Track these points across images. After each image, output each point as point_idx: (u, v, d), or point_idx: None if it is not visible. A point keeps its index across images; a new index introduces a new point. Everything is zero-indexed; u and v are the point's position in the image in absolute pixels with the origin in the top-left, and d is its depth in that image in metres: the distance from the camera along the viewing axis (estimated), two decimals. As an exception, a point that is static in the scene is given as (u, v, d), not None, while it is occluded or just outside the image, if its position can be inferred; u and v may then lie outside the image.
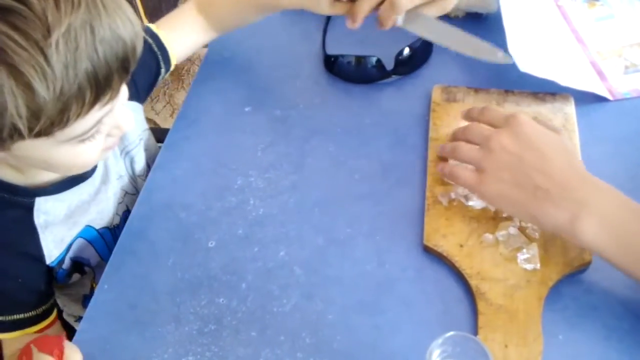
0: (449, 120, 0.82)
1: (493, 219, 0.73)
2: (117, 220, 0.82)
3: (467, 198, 0.75)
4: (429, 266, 0.72)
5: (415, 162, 0.81)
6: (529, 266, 0.69)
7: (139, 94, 0.84)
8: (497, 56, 0.73)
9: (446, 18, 0.94)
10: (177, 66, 0.89)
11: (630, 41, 0.91)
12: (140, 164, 0.85)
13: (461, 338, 0.57)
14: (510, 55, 0.76)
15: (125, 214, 0.82)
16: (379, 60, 0.88)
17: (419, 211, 0.76)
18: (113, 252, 0.75)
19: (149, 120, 1.81)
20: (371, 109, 0.87)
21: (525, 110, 0.81)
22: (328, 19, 0.97)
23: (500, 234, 0.71)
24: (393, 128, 0.85)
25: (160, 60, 0.84)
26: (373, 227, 0.75)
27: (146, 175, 0.82)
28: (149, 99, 1.81)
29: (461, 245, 0.71)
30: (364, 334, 0.68)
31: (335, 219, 0.76)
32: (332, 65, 0.90)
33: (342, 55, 0.89)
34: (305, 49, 0.94)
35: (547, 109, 0.82)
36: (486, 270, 0.69)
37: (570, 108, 0.82)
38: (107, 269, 0.73)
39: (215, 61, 0.93)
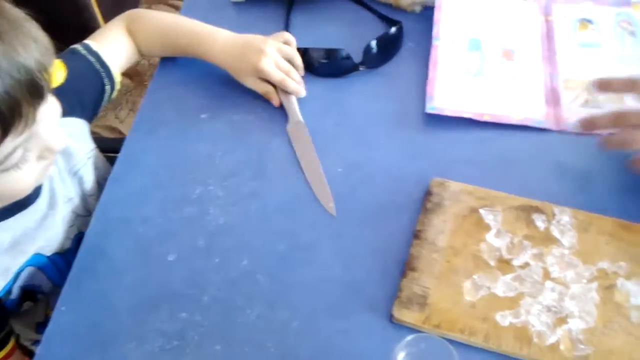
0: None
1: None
2: (68, 244, 0.79)
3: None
4: (396, 268, 0.71)
5: (372, 158, 0.80)
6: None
7: (84, 111, 0.81)
8: (328, 205, 0.76)
9: (404, 13, 0.94)
10: (138, 71, 0.87)
11: (603, 75, 0.83)
12: (89, 183, 0.82)
13: (426, 339, 0.56)
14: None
15: (78, 237, 0.79)
16: (347, 53, 0.87)
17: (381, 211, 0.75)
18: (70, 272, 0.72)
19: (112, 129, 1.79)
20: (335, 107, 0.86)
21: None
22: (288, 18, 0.95)
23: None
24: (357, 127, 0.84)
25: (104, 77, 0.83)
26: (336, 230, 0.74)
27: (98, 195, 0.80)
28: (111, 106, 1.79)
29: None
30: (330, 339, 0.66)
31: (298, 223, 0.75)
32: (302, 58, 0.88)
33: (312, 48, 0.88)
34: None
35: None
36: None
37: None
38: (64, 289, 0.71)
39: (169, 68, 0.91)
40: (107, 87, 0.84)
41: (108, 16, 1.81)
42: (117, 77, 0.85)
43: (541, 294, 0.67)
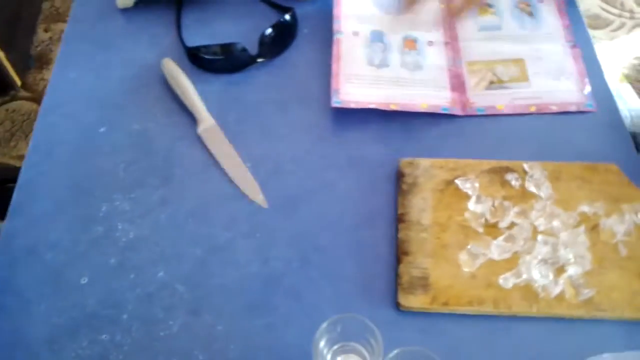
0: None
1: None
2: None
3: None
4: (313, 254, 0.71)
5: (285, 152, 0.79)
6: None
7: None
8: (258, 198, 0.75)
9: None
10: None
11: (504, 56, 0.87)
12: None
13: (347, 319, 0.56)
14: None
15: None
16: (243, 47, 0.85)
17: (293, 201, 0.75)
18: (-22, 312, 0.69)
19: (19, 157, 1.72)
20: (236, 102, 0.84)
21: None
22: (179, 18, 0.93)
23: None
24: (260, 120, 0.83)
25: None
26: (251, 226, 0.73)
27: None
28: (23, 135, 1.71)
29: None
30: (258, 336, 0.66)
31: (211, 225, 0.74)
32: (196, 58, 0.86)
33: (205, 46, 0.86)
34: (155, 53, 0.89)
35: None
36: None
37: None
38: (-27, 332, 0.68)
39: (61, 84, 0.87)
40: None
41: (2, 39, 1.74)
42: None
43: (535, 249, 0.69)
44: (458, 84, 0.85)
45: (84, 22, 0.93)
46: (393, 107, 0.81)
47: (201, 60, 0.86)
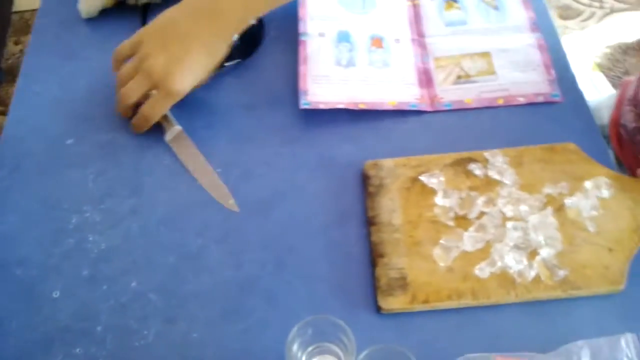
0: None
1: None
2: None
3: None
4: (286, 256, 0.71)
5: (255, 155, 0.79)
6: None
7: None
8: (228, 203, 0.75)
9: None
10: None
11: (471, 50, 0.87)
12: None
13: (318, 320, 0.56)
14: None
15: None
16: None
17: (265, 204, 0.75)
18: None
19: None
20: (204, 108, 0.84)
21: None
22: (144, 25, 0.92)
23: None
24: (229, 125, 0.82)
25: None
26: (223, 231, 0.73)
27: None
28: None
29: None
30: (234, 342, 0.66)
31: (183, 232, 0.73)
32: None
33: None
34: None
35: None
36: None
37: None
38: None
39: (26, 97, 0.86)
40: None
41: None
42: None
43: (506, 236, 0.69)
44: (426, 80, 0.85)
45: (47, 34, 0.92)
46: (362, 107, 0.81)
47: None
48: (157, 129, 0.81)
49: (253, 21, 0.81)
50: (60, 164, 0.79)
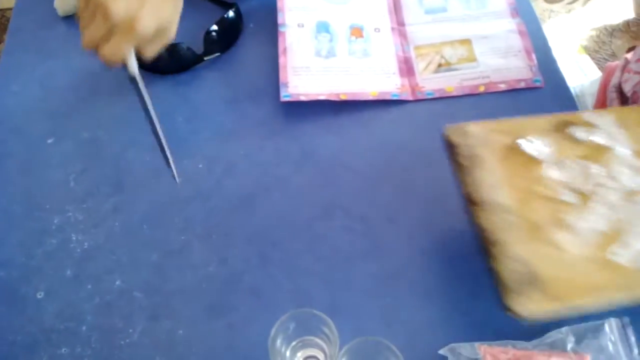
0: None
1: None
2: None
3: None
4: (271, 250, 0.71)
5: (238, 150, 0.79)
6: None
7: None
8: (172, 172, 0.70)
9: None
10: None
11: (452, 38, 0.87)
12: None
13: (298, 314, 0.56)
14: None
15: None
16: (188, 46, 0.84)
17: (249, 198, 0.74)
18: None
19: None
20: (184, 103, 0.83)
21: None
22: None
23: None
24: (210, 119, 0.82)
25: None
26: (207, 227, 0.73)
27: None
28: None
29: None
30: (219, 337, 0.65)
31: (166, 230, 0.73)
32: (141, 60, 0.84)
33: None
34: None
35: None
36: None
37: None
38: None
39: (5, 98, 0.85)
40: None
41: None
42: None
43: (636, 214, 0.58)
44: (407, 69, 0.85)
45: (25, 32, 0.91)
46: (343, 97, 0.80)
47: (147, 63, 0.84)
48: (139, 126, 0.81)
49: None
50: (42, 164, 0.79)
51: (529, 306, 0.54)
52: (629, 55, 0.91)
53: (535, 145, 0.63)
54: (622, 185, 0.60)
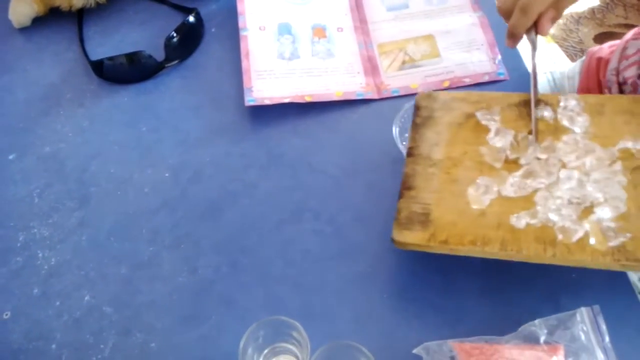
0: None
1: None
2: None
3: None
4: (241, 257, 0.70)
5: (203, 157, 0.78)
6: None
7: None
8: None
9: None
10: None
11: (415, 34, 0.87)
12: None
13: (270, 322, 0.56)
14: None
15: None
16: (148, 54, 0.83)
17: (216, 206, 0.74)
18: None
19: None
20: (147, 112, 0.82)
21: None
22: (81, 32, 0.90)
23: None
24: (174, 126, 0.81)
25: None
26: (175, 237, 0.72)
27: None
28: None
29: None
30: (192, 348, 0.65)
31: (134, 241, 0.72)
32: (102, 70, 0.83)
33: (110, 58, 0.83)
34: (59, 71, 0.86)
35: None
36: None
37: None
38: None
39: (-37, 116, 0.84)
40: None
41: None
42: None
43: (557, 186, 0.60)
44: (371, 68, 0.84)
45: (-20, 45, 0.90)
46: (308, 99, 0.80)
47: (107, 72, 0.83)
48: (102, 136, 0.80)
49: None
50: (3, 181, 0.77)
51: (408, 238, 0.60)
52: (629, 35, 0.91)
53: (489, 116, 0.67)
54: (558, 160, 0.62)
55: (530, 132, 0.65)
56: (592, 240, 0.57)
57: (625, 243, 0.56)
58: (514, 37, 0.69)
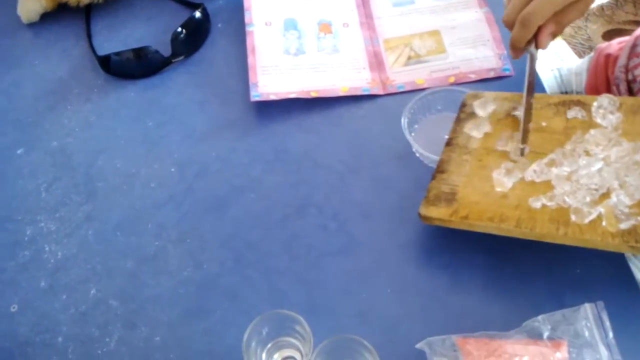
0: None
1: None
2: None
3: None
4: (246, 252, 0.70)
5: (209, 152, 0.78)
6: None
7: None
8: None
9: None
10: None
11: (420, 30, 0.87)
12: None
13: (273, 315, 0.56)
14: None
15: None
16: (155, 49, 0.83)
17: (222, 201, 0.74)
18: None
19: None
20: (154, 107, 0.83)
21: None
22: (88, 28, 0.90)
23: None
24: (180, 121, 0.81)
25: None
26: (181, 231, 0.72)
27: None
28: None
29: None
30: (197, 342, 0.65)
31: (140, 236, 0.72)
32: (109, 65, 0.84)
33: (117, 53, 0.84)
34: (67, 66, 0.87)
35: None
36: None
37: None
38: None
39: (-28, 111, 0.85)
40: None
41: None
42: None
43: (577, 173, 0.63)
44: (377, 63, 0.84)
45: (-12, 42, 0.91)
46: (314, 95, 0.80)
47: (115, 68, 0.84)
48: (109, 132, 0.80)
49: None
50: (12, 175, 0.78)
51: (432, 213, 0.65)
52: (639, 32, 0.90)
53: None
54: (583, 151, 0.65)
55: (564, 129, 0.68)
56: (603, 223, 0.59)
57: (636, 226, 0.58)
58: (514, 50, 0.71)
